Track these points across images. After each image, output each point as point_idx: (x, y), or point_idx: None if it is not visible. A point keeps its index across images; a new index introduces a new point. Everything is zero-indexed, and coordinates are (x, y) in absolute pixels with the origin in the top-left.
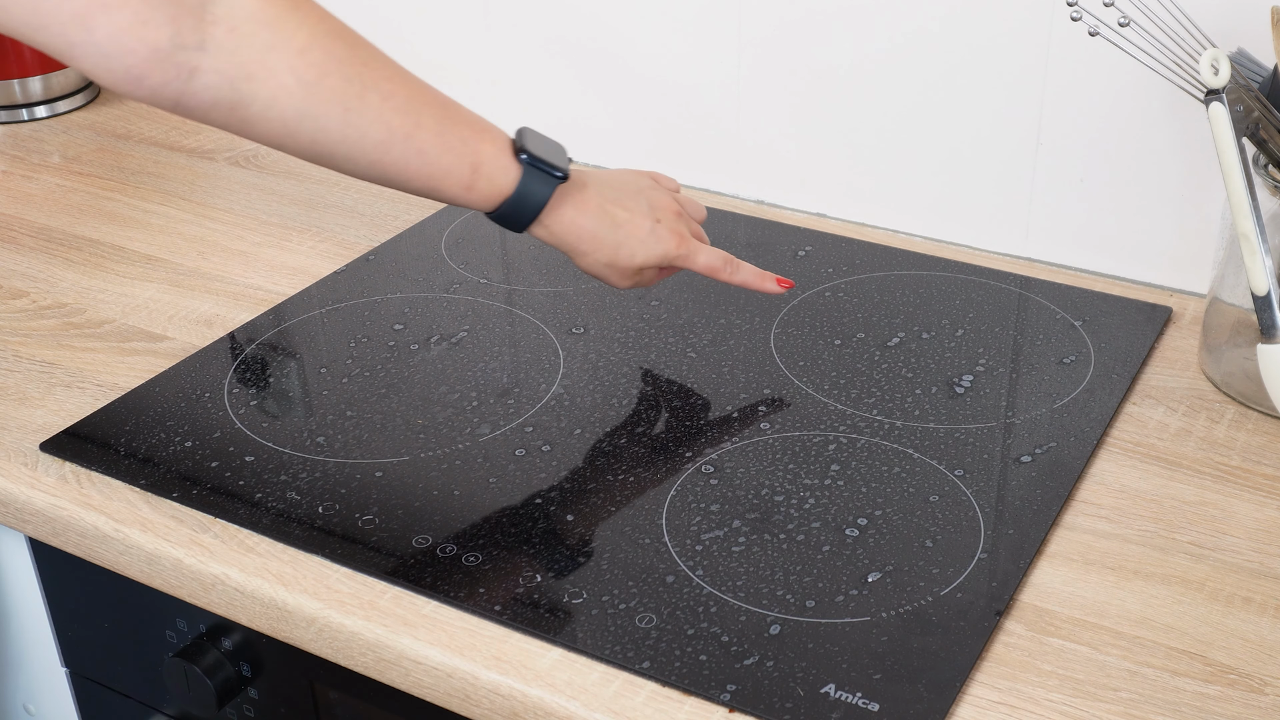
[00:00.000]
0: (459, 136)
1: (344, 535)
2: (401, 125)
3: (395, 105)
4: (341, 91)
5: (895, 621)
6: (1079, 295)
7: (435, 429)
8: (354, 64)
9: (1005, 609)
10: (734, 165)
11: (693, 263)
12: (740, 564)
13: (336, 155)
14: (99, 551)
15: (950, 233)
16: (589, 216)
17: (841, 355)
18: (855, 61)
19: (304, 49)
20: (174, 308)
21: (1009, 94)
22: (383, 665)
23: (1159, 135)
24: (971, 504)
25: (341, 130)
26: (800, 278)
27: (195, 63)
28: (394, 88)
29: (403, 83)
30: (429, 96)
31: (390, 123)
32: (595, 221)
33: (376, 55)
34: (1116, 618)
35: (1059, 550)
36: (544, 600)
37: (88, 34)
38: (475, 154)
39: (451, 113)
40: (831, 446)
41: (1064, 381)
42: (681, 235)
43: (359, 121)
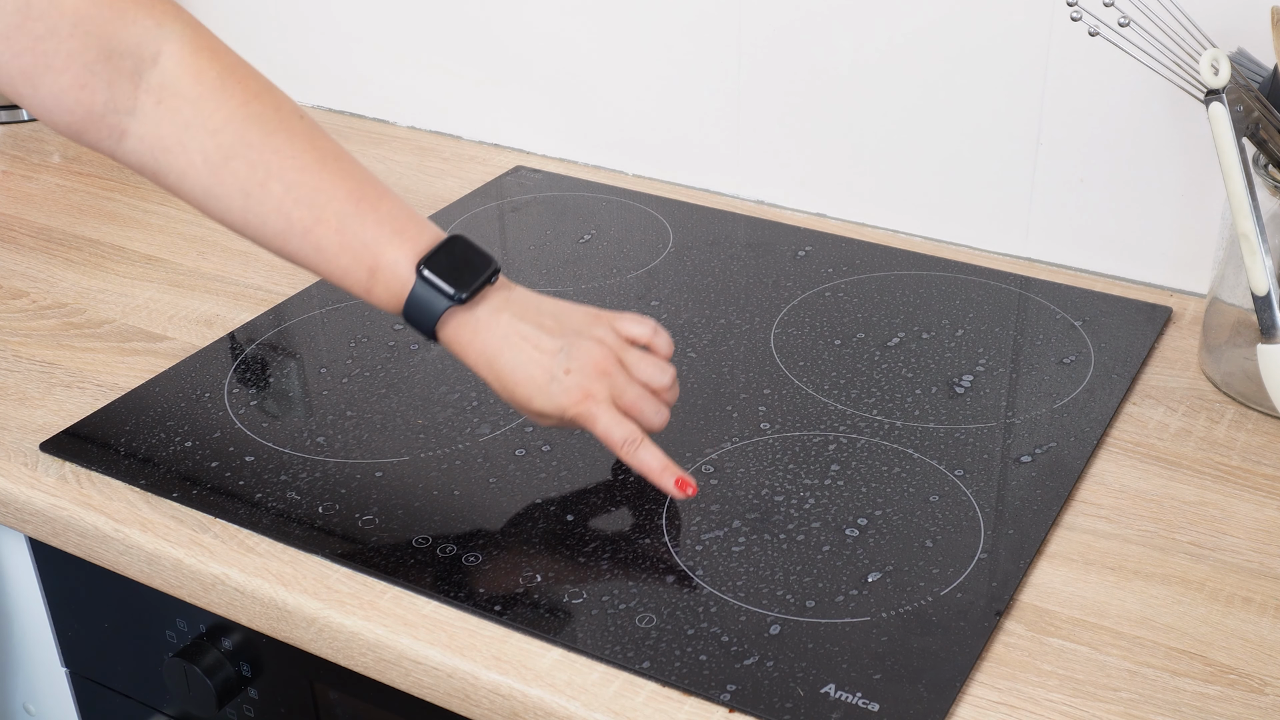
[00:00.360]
0: (360, 240)
1: (344, 535)
2: (301, 219)
3: (297, 197)
4: (244, 177)
5: (895, 621)
6: (1079, 295)
7: (435, 429)
8: (263, 151)
9: (1005, 609)
10: (734, 165)
11: (591, 427)
12: (740, 564)
13: (244, 234)
14: (99, 551)
15: (950, 233)
16: (488, 345)
17: (841, 355)
18: (855, 62)
19: (216, 130)
20: (174, 308)
21: (1009, 94)
22: (383, 665)
23: (1159, 135)
24: (971, 504)
25: (243, 214)
26: (800, 278)
27: (125, 126)
28: (300, 178)
29: (314, 173)
30: (344, 191)
31: (289, 214)
32: (493, 352)
33: (296, 143)
34: (1116, 618)
35: (1059, 550)
36: (544, 600)
37: (33, 90)
38: (374, 258)
39: (365, 210)
40: (831, 446)
41: (1064, 381)
42: (586, 393)
43: (259, 209)
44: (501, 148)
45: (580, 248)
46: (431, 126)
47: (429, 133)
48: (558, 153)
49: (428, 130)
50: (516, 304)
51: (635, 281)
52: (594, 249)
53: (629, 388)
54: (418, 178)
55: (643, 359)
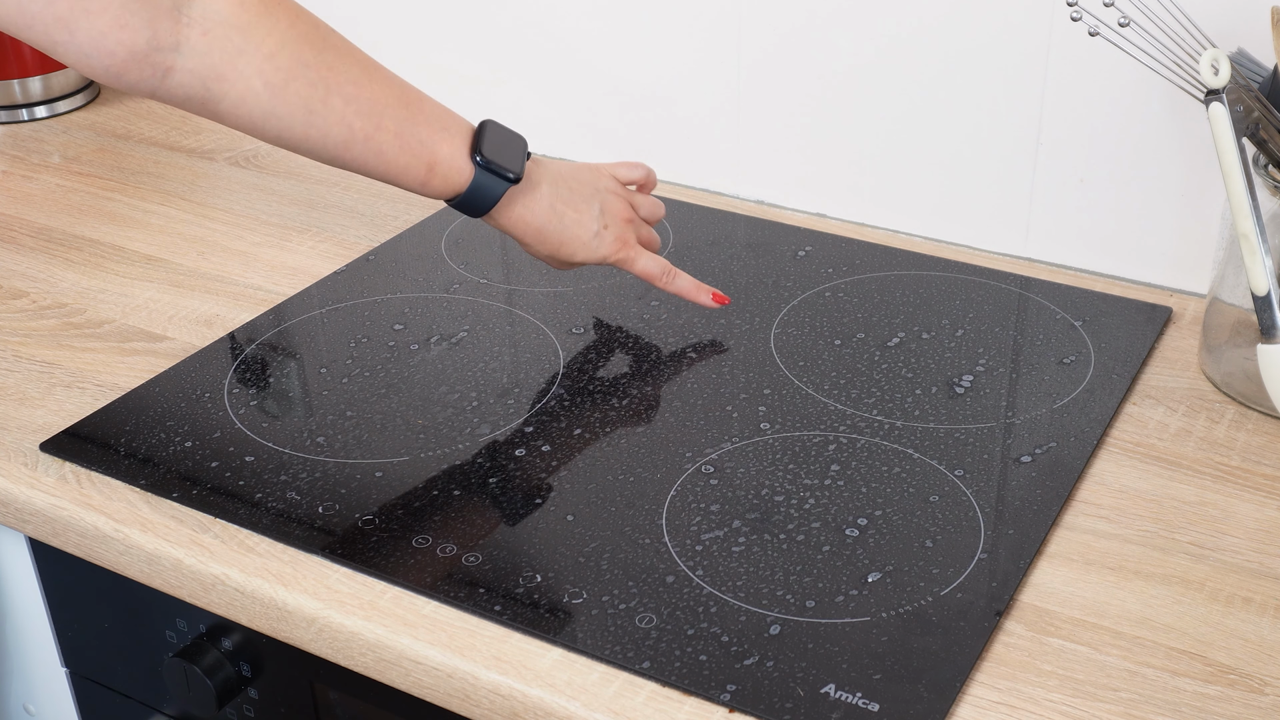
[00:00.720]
0: (417, 138)
1: (344, 535)
2: (362, 128)
3: (357, 109)
4: (306, 96)
5: (895, 621)
6: (1079, 295)
7: (435, 429)
8: (320, 69)
9: (1005, 609)
10: (734, 165)
11: (631, 268)
12: (740, 564)
13: (301, 149)
14: (99, 551)
15: (950, 233)
16: (537, 215)
17: (841, 355)
18: (856, 62)
19: (272, 54)
20: (174, 308)
21: (1009, 94)
22: (383, 665)
23: (1159, 135)
24: (971, 504)
25: (305, 130)
26: (800, 278)
27: (170, 63)
28: (358, 91)
29: (367, 85)
30: (393, 97)
31: (352, 125)
32: (542, 220)
33: (344, 58)
34: (1116, 618)
35: (1059, 550)
36: (544, 600)
37: (69, 35)
38: (432, 154)
39: (414, 112)
40: (831, 446)
41: (1064, 381)
42: (623, 241)
43: (321, 124)
44: None
45: None
46: None
47: None
48: (557, 153)
49: None
50: (548, 172)
51: (635, 281)
52: None
53: (643, 227)
54: None
55: (644, 200)
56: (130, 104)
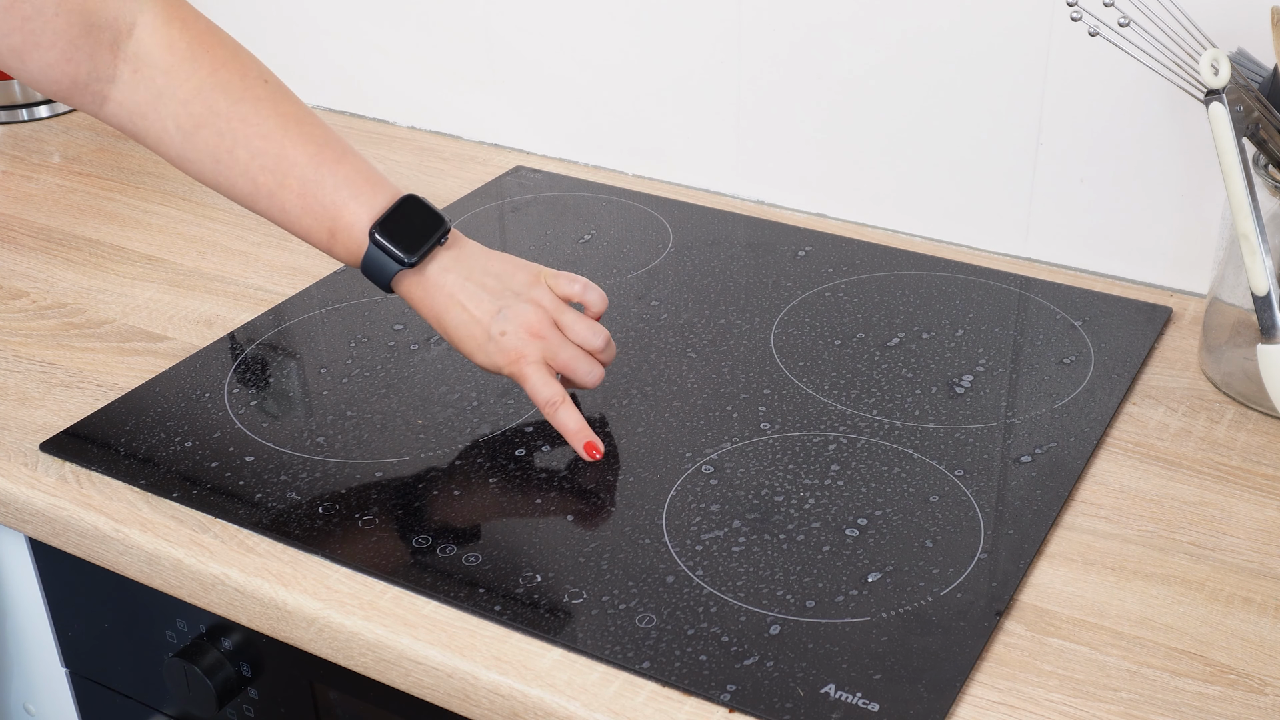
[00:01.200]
0: (320, 202)
1: (344, 535)
2: (266, 183)
3: (262, 164)
4: (213, 145)
5: (895, 621)
6: (1079, 295)
7: (435, 429)
8: (231, 119)
9: (1005, 609)
10: (734, 165)
11: (523, 385)
12: (740, 564)
13: (220, 192)
14: (99, 552)
15: (950, 233)
16: (435, 304)
17: (841, 355)
18: (856, 62)
19: (187, 100)
20: (174, 308)
21: (1009, 94)
22: (383, 665)
23: (1159, 135)
24: (971, 504)
25: (214, 177)
26: (800, 278)
27: (106, 93)
28: (266, 145)
29: (279, 140)
30: (305, 156)
31: (255, 179)
32: (439, 310)
33: (261, 110)
34: (1116, 618)
35: (1059, 550)
36: (544, 600)
37: (21, 64)
38: (333, 220)
39: (325, 174)
40: (831, 446)
41: (1064, 381)
42: (518, 354)
43: (227, 173)
44: (501, 148)
45: (580, 248)
46: (431, 126)
47: (429, 133)
48: (558, 153)
49: (428, 130)
50: (463, 264)
51: (635, 281)
52: (594, 249)
53: (563, 348)
54: (417, 178)
55: (578, 320)
56: None
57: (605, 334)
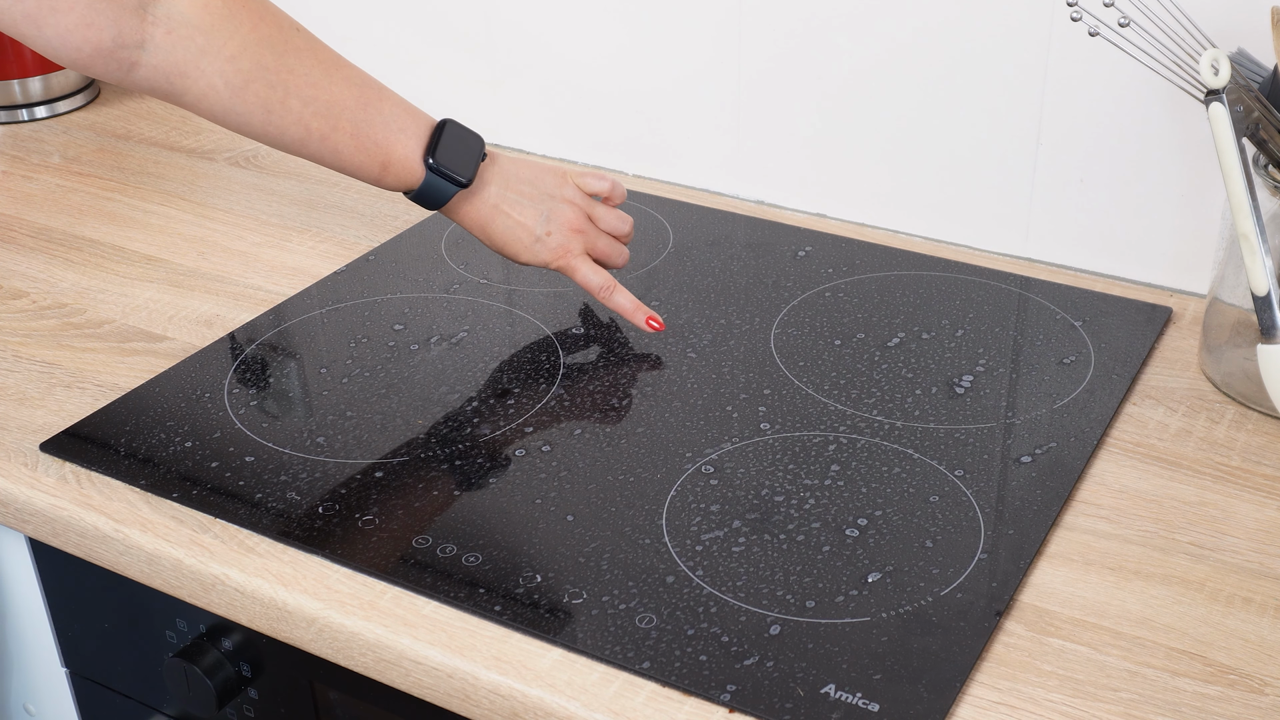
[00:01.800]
0: (373, 140)
1: (344, 535)
2: (319, 128)
3: (315, 110)
4: (265, 97)
5: (895, 622)
6: (1079, 295)
7: (435, 429)
8: (280, 72)
9: (1005, 609)
10: (734, 165)
11: (572, 276)
12: (740, 564)
13: (262, 140)
14: (99, 552)
15: (950, 233)
16: (481, 213)
17: (841, 355)
18: (856, 62)
19: (233, 56)
20: (174, 308)
21: (1009, 94)
22: (383, 665)
23: (1159, 135)
24: (971, 504)
25: (264, 127)
26: (800, 278)
27: (135, 59)
28: (316, 93)
29: (326, 87)
30: (351, 99)
31: (309, 125)
32: (485, 219)
33: (305, 61)
34: (1116, 618)
35: (1059, 550)
36: (544, 600)
37: (37, 30)
38: (386, 155)
39: (372, 114)
40: (831, 447)
41: (1064, 382)
42: (565, 249)
43: (279, 122)
44: (501, 148)
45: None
46: None
47: None
48: (558, 153)
49: None
50: (500, 174)
51: (635, 281)
52: None
53: (599, 239)
54: None
55: (608, 213)
56: (130, 104)
57: (629, 220)
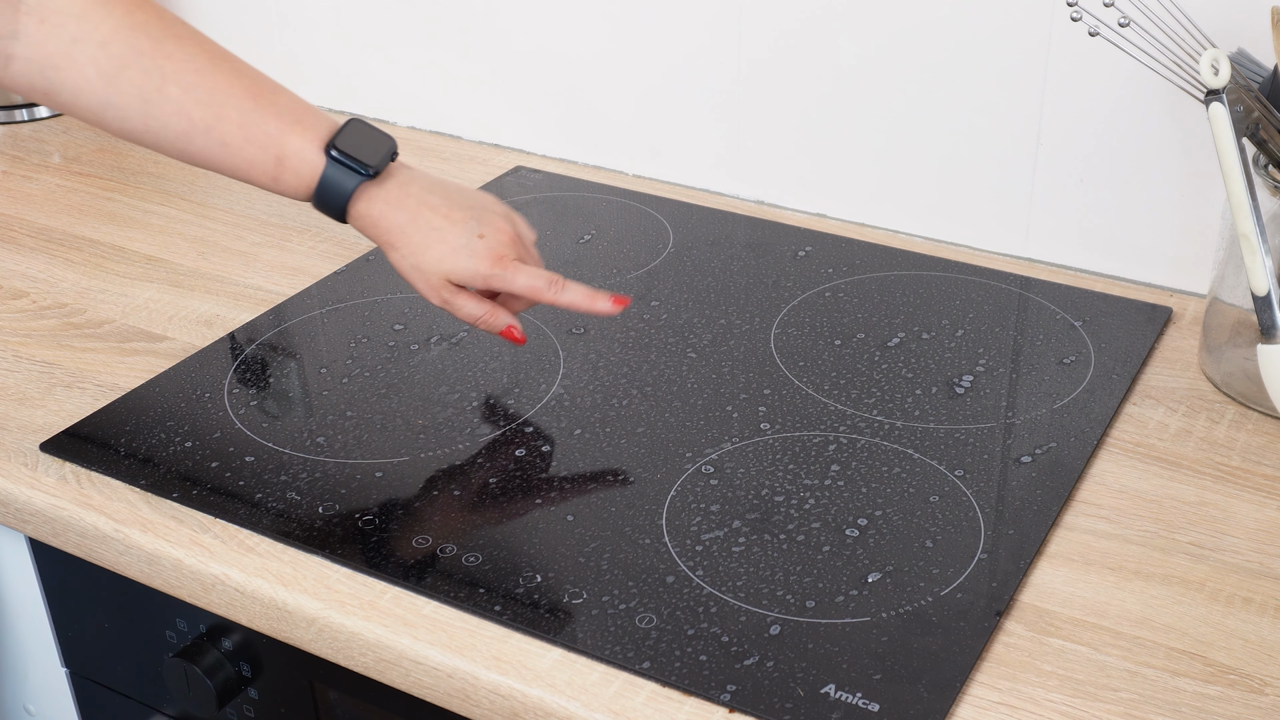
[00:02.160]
0: (264, 130)
1: (344, 535)
2: (202, 118)
3: (196, 98)
4: (140, 85)
5: (895, 622)
6: (1079, 295)
7: (435, 429)
8: (156, 56)
9: (1005, 609)
10: (734, 165)
11: (511, 283)
12: (740, 564)
13: (145, 141)
14: (99, 552)
15: (950, 233)
16: (401, 212)
17: (841, 355)
18: (855, 61)
19: (105, 42)
20: (174, 308)
21: (1009, 94)
22: (383, 665)
23: (1159, 135)
24: (971, 504)
25: (143, 121)
26: (800, 278)
27: (9, 50)
28: (198, 80)
29: (210, 74)
30: (240, 88)
31: (191, 115)
32: (407, 219)
33: (186, 47)
34: (1117, 618)
35: (1059, 550)
36: (544, 600)
37: None
38: (280, 147)
39: (263, 104)
40: (831, 447)
41: (1064, 382)
42: (500, 256)
43: (159, 114)
44: (501, 148)
45: (580, 248)
46: (431, 126)
47: (429, 133)
48: (558, 153)
49: (428, 130)
50: (422, 178)
51: (635, 282)
52: (594, 249)
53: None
54: None
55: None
56: None
57: None
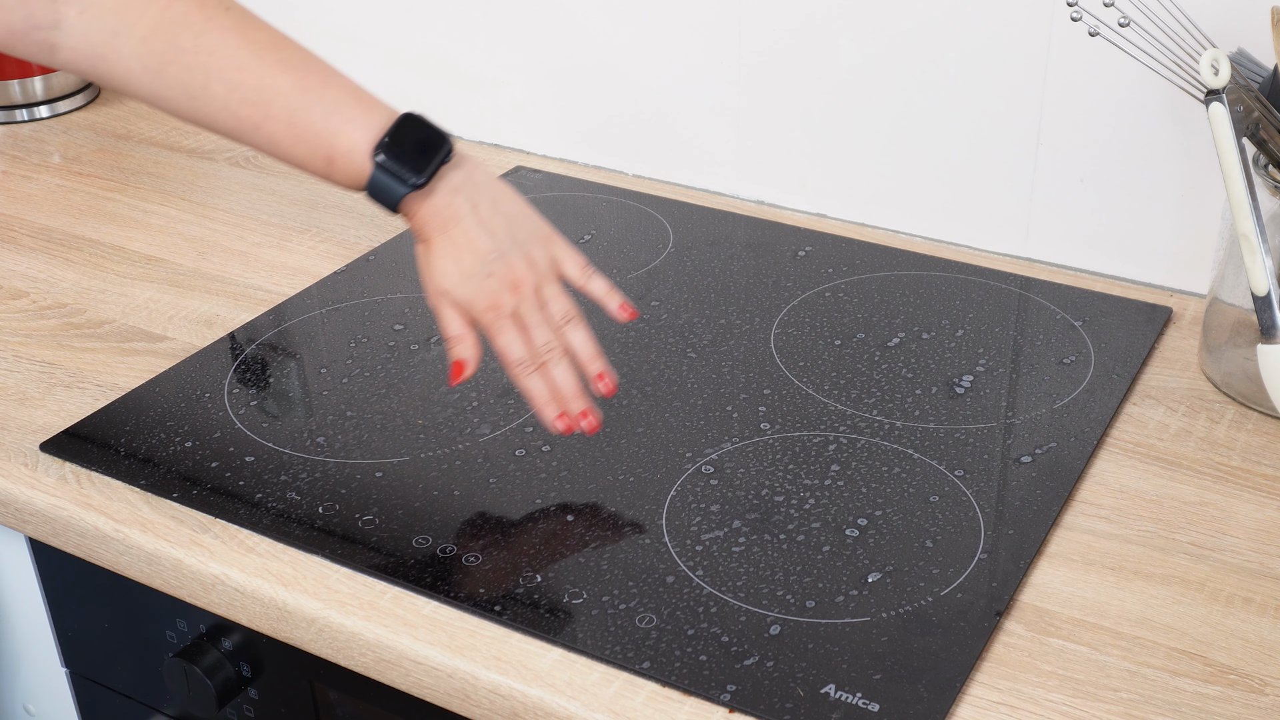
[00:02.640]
0: (313, 130)
1: (344, 535)
2: (250, 116)
3: (242, 96)
4: (185, 81)
5: (895, 622)
6: (1079, 295)
7: (435, 429)
8: (198, 54)
9: (1005, 609)
10: (734, 165)
11: (490, 338)
12: (740, 564)
13: (203, 128)
14: (99, 552)
15: (950, 233)
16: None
17: (841, 355)
18: (856, 61)
19: (145, 37)
20: (174, 308)
21: (1009, 94)
22: (383, 665)
23: (1159, 135)
24: (971, 504)
25: (192, 114)
26: (800, 278)
27: (53, 40)
28: (242, 77)
29: (254, 71)
30: (285, 83)
31: (237, 113)
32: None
33: (229, 41)
34: (1116, 618)
35: (1059, 550)
36: (544, 600)
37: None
38: (329, 149)
39: (312, 100)
40: (831, 447)
41: (1064, 382)
42: (497, 304)
43: (205, 109)
44: (501, 148)
45: (581, 248)
46: None
47: None
48: (558, 153)
49: None
50: (473, 188)
51: (635, 281)
52: (594, 249)
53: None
54: None
55: (558, 297)
56: (130, 104)
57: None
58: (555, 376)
